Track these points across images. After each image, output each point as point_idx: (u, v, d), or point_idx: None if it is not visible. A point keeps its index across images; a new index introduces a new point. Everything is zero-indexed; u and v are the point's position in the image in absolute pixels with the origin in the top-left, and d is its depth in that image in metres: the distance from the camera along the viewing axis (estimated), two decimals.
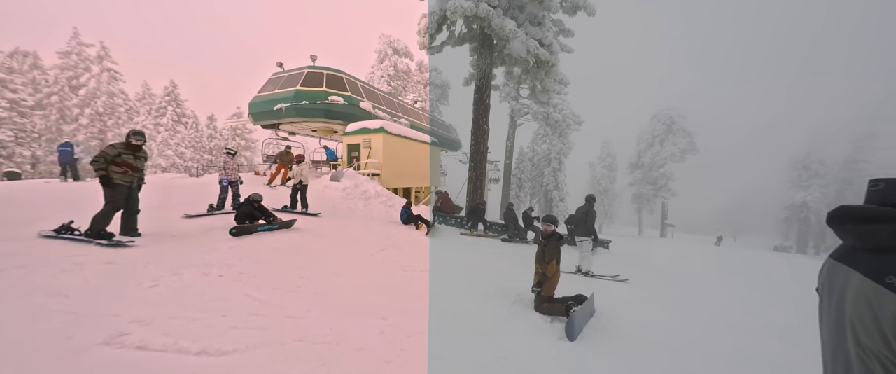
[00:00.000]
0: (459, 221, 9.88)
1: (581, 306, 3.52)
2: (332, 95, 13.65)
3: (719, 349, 3.61)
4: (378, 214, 8.85)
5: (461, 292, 4.07)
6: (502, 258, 6.53)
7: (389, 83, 28.74)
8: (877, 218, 0.78)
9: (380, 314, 3.09)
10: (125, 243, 4.09)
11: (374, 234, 6.71)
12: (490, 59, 11.48)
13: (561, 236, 3.96)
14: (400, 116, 17.95)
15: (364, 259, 4.97)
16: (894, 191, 0.79)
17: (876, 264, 0.74)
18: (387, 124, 12.77)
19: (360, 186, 10.11)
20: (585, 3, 11.73)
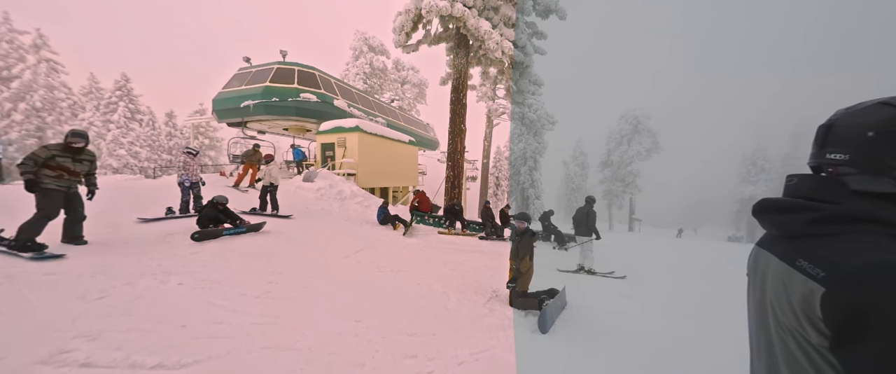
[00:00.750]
0: (437, 220, 9.89)
1: (553, 300, 3.65)
2: (304, 93, 13.17)
3: (677, 332, 3.88)
4: (354, 214, 8.67)
5: (438, 291, 4.08)
6: (479, 256, 6.61)
7: (365, 81, 28.17)
8: (790, 209, 0.86)
9: (354, 317, 3.04)
10: (58, 255, 3.61)
11: (349, 235, 6.57)
12: (466, 59, 11.57)
13: (534, 233, 4.09)
14: (376, 114, 17.66)
15: (338, 261, 4.85)
16: (804, 184, 0.88)
17: (789, 249, 0.82)
18: (363, 123, 12.53)
19: (335, 186, 9.85)
20: (557, 7, 12.13)
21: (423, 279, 4.48)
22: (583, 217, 6.54)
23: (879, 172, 0.74)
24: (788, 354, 0.78)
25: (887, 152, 0.73)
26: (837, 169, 0.81)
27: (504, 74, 12.79)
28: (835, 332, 0.68)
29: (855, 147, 0.77)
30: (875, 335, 0.61)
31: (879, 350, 0.61)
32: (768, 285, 0.87)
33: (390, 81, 30.14)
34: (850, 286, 0.66)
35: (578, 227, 6.61)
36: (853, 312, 0.64)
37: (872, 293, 0.63)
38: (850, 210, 0.74)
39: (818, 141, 0.86)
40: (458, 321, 3.27)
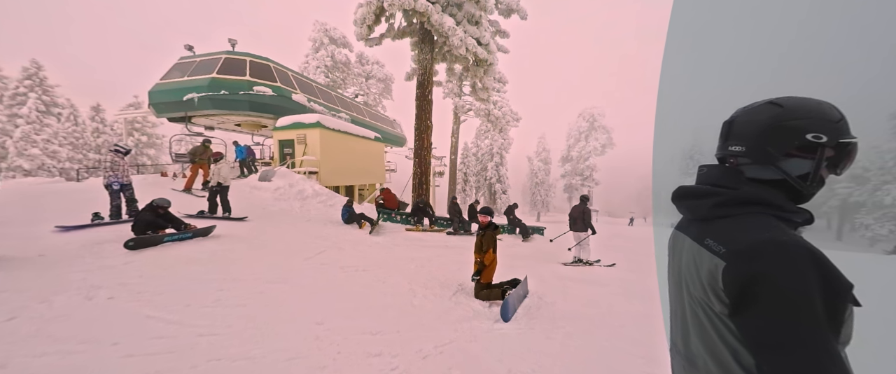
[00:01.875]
0: (405, 217, 9.82)
1: (515, 289, 3.82)
2: (257, 85, 12.28)
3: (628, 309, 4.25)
4: (316, 214, 8.31)
5: (403, 288, 4.08)
6: (447, 251, 6.69)
7: (327, 75, 26.91)
8: (699, 194, 0.98)
9: (315, 319, 2.94)
10: None
11: (311, 236, 6.30)
12: (431, 55, 11.51)
13: (497, 227, 4.22)
14: (339, 110, 17.00)
15: (298, 264, 4.64)
16: (711, 173, 1.01)
17: (699, 230, 0.93)
18: (324, 118, 12.00)
19: (295, 185, 9.35)
20: (518, 7, 12.48)
21: (389, 277, 4.44)
22: (579, 215, 6.92)
23: (767, 162, 0.87)
24: (698, 322, 0.90)
25: (772, 145, 0.85)
26: (737, 160, 0.94)
27: (469, 71, 12.93)
28: (732, 300, 0.78)
29: (749, 140, 0.89)
30: (761, 302, 0.72)
31: (765, 315, 0.71)
32: (683, 263, 0.99)
33: (354, 76, 29.08)
34: (743, 260, 0.76)
35: (575, 223, 6.98)
36: (745, 282, 0.74)
37: (759, 266, 0.74)
38: (746, 194, 0.87)
39: (722, 135, 0.99)
40: (423, 317, 3.30)
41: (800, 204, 0.87)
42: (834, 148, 0.82)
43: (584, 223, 6.87)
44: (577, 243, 6.99)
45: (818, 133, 0.81)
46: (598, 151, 35.93)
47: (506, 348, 2.81)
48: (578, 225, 6.93)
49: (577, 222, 6.94)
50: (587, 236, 6.90)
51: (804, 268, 0.69)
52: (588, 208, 6.99)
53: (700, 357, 0.88)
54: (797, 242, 0.72)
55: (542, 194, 38.47)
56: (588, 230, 6.86)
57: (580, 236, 6.96)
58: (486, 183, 32.96)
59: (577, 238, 7.00)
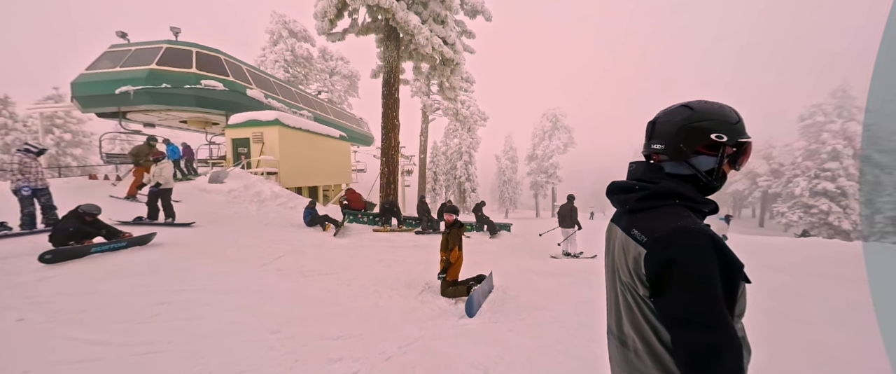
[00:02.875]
0: (372, 217, 9.61)
1: (480, 285, 3.90)
2: (206, 79, 11.30)
3: (585, 296, 4.53)
4: (276, 217, 7.85)
5: (368, 290, 4.00)
6: (415, 251, 6.66)
7: (287, 70, 25.45)
8: (627, 189, 1.07)
9: (270, 329, 2.78)
10: None
11: (269, 241, 5.94)
12: (397, 53, 11.34)
13: (462, 224, 4.29)
14: (300, 107, 16.19)
15: (254, 271, 4.36)
16: (638, 169, 1.11)
17: (628, 221, 1.02)
18: (283, 116, 11.35)
19: (252, 187, 8.76)
20: (483, 9, 12.71)
21: (354, 280, 4.33)
22: (567, 212, 7.48)
23: (681, 158, 0.98)
24: (627, 306, 0.99)
25: (685, 143, 0.95)
26: (658, 157, 1.04)
27: (436, 70, 12.94)
28: (651, 284, 0.87)
29: (667, 139, 0.99)
30: (673, 284, 0.81)
31: (676, 295, 0.80)
32: (615, 252, 1.08)
33: (317, 72, 27.81)
34: (660, 247, 0.85)
35: (563, 220, 7.53)
36: (661, 267, 0.83)
37: (671, 252, 0.83)
38: (664, 188, 0.96)
39: (647, 135, 1.09)
40: (388, 318, 3.26)
41: (707, 196, 0.99)
42: (734, 146, 0.94)
43: (571, 220, 7.44)
44: (565, 238, 7.52)
45: (720, 133, 0.92)
46: (560, 150, 37.79)
47: (469, 342, 2.86)
48: (567, 222, 7.49)
49: (566, 219, 7.50)
50: (573, 232, 7.45)
51: (706, 253, 0.79)
52: (575, 207, 7.57)
53: (630, 338, 0.97)
54: (701, 230, 0.82)
55: (509, 192, 39.67)
56: (575, 226, 7.44)
57: (567, 231, 7.49)
58: (456, 182, 33.27)
59: (565, 234, 7.53)
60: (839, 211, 25.29)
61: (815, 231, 25.56)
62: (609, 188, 1.12)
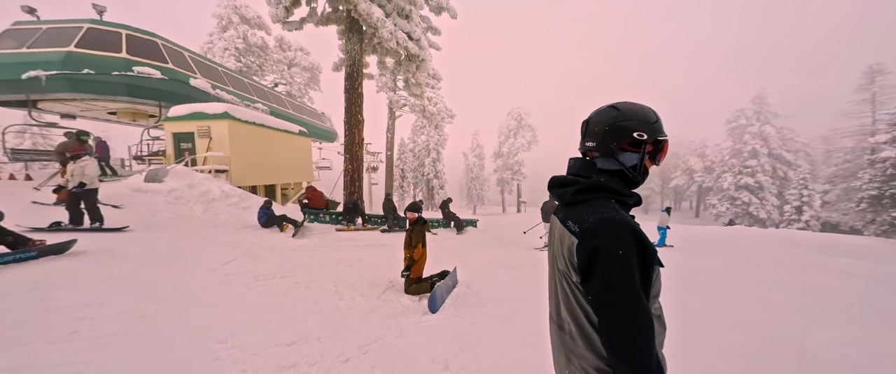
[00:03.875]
0: (335, 217, 9.25)
1: (443, 281, 3.94)
2: (139, 65, 10.07)
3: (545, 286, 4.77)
4: (226, 219, 7.26)
5: (328, 292, 3.85)
6: (380, 249, 6.54)
7: (239, 60, 23.49)
8: (565, 183, 1.13)
9: (216, 338, 2.57)
10: None
11: (217, 244, 5.48)
12: (360, 46, 10.96)
13: (425, 222, 4.28)
14: (254, 99, 15.08)
15: (199, 277, 4.00)
16: (575, 165, 1.17)
17: (565, 213, 1.08)
18: (234, 109, 10.48)
19: (197, 186, 7.99)
20: (448, 7, 12.71)
21: (312, 282, 4.14)
22: (549, 208, 8.09)
23: (610, 155, 1.06)
24: (564, 292, 1.05)
25: (613, 141, 1.03)
26: (591, 154, 1.12)
27: (401, 65, 12.72)
28: (581, 270, 0.94)
29: (598, 137, 1.06)
30: (598, 270, 0.87)
31: (600, 280, 0.87)
32: (555, 242, 1.14)
33: (273, 63, 26.00)
34: (588, 237, 0.92)
35: (546, 216, 8.16)
36: (589, 255, 0.90)
37: (597, 241, 0.90)
38: (595, 183, 1.03)
39: (581, 133, 1.16)
40: (348, 319, 3.17)
41: (633, 189, 1.08)
42: (653, 144, 1.03)
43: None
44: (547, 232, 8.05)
45: (641, 132, 1.01)
46: (524, 148, 39.20)
47: (432, 338, 2.88)
48: (548, 217, 8.13)
49: (548, 214, 8.14)
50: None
51: (626, 241, 0.86)
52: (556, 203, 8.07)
53: (566, 321, 1.04)
54: (623, 220, 0.90)
55: (477, 189, 40.42)
56: None
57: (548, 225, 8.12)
58: (424, 179, 33.17)
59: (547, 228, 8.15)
60: (758, 202, 29.19)
61: (740, 220, 29.28)
62: (550, 183, 1.19)
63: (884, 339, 3.37)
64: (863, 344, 3.20)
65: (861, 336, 3.41)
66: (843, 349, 3.05)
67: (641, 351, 0.81)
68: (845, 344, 3.18)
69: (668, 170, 46.73)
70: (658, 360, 0.84)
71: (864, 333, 3.52)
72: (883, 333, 3.55)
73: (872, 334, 3.51)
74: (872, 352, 3.03)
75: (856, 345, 3.17)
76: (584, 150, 1.14)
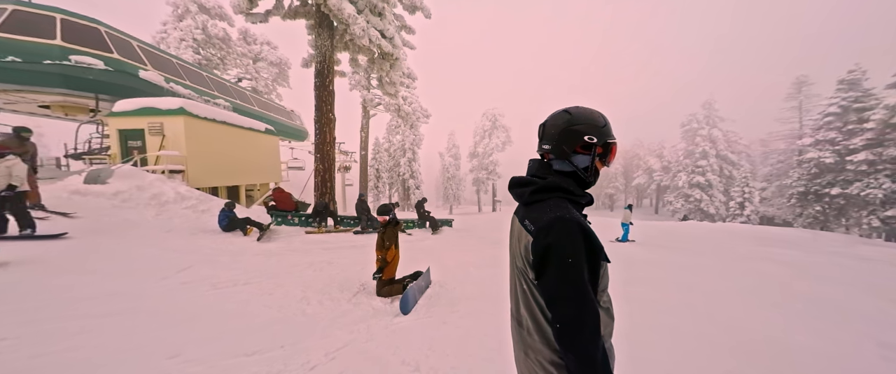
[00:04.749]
0: (305, 219, 8.89)
1: (415, 282, 3.92)
2: (78, 54, 9.07)
3: None
4: (182, 223, 6.74)
5: (295, 297, 3.70)
6: (352, 252, 6.39)
7: (198, 52, 21.86)
8: (523, 183, 1.17)
9: (167, 353, 2.38)
10: None
11: (171, 250, 5.07)
12: (331, 43, 10.61)
13: (397, 222, 4.24)
14: (216, 95, 14.13)
15: (150, 286, 3.68)
16: (533, 166, 1.22)
17: (523, 213, 1.12)
18: (191, 104, 9.74)
19: (148, 187, 7.35)
20: (422, 6, 12.66)
21: (278, 288, 3.95)
22: None
23: (563, 157, 1.11)
24: (521, 289, 1.09)
25: (566, 144, 1.09)
26: (548, 155, 1.17)
27: (374, 63, 12.47)
28: (535, 267, 0.98)
29: (553, 140, 1.12)
30: (550, 266, 0.91)
31: (551, 276, 0.91)
32: (513, 240, 1.18)
33: (237, 56, 24.48)
34: (542, 235, 0.96)
35: None
36: (542, 252, 0.94)
37: (549, 239, 0.94)
38: (550, 183, 1.08)
39: (539, 136, 1.21)
40: (315, 325, 3.06)
41: (585, 190, 1.14)
42: (602, 146, 1.09)
43: None
44: None
45: (591, 135, 1.07)
46: (499, 148, 39.99)
47: (403, 340, 2.86)
48: None
49: None
50: None
51: (576, 238, 0.91)
52: None
53: (524, 318, 1.08)
54: (573, 218, 0.95)
55: (453, 189, 40.62)
56: None
57: None
58: (400, 179, 32.81)
59: None
60: (708, 199, 31.91)
61: (693, 216, 31.85)
62: (510, 183, 1.23)
63: (804, 320, 3.83)
64: (786, 325, 3.62)
65: (786, 318, 3.85)
66: (769, 330, 3.42)
67: (588, 342, 0.86)
68: (770, 325, 3.57)
69: (630, 169, 49.78)
70: (604, 350, 0.89)
71: (788, 314, 3.97)
72: (799, 315, 4.02)
73: (796, 316, 3.97)
74: (791, 330, 3.43)
75: (780, 326, 3.57)
76: (542, 152, 1.19)
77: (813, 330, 3.47)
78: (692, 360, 2.71)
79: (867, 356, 2.96)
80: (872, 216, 19.68)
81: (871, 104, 20.44)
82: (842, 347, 3.12)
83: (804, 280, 5.75)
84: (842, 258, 8.22)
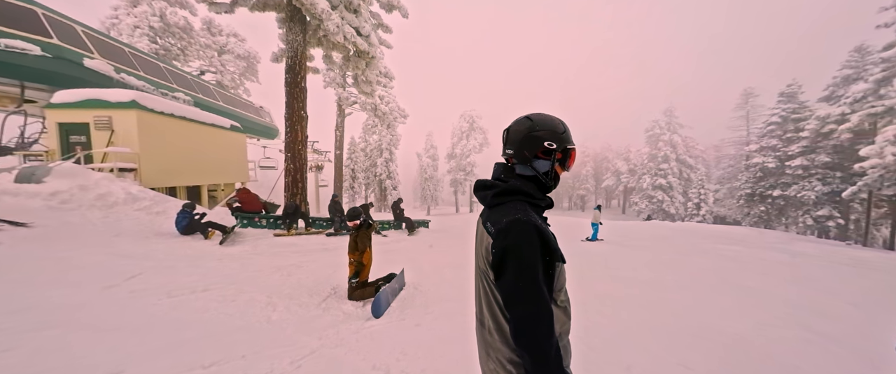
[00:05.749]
0: (274, 220, 8.48)
1: (388, 284, 3.86)
2: (8, 38, 8.09)
3: None
4: (133, 226, 6.19)
5: (260, 303, 3.51)
6: (323, 254, 6.18)
7: (154, 41, 20.25)
8: (487, 186, 1.19)
9: (108, 369, 2.17)
10: None
11: (119, 256, 4.64)
12: (303, 37, 10.22)
13: (370, 225, 4.15)
14: (174, 88, 13.16)
15: (91, 297, 3.34)
16: (497, 170, 1.24)
17: (486, 215, 1.13)
18: (145, 97, 8.99)
19: (93, 187, 6.69)
20: (399, 5, 12.54)
21: (241, 294, 3.73)
22: None
23: (525, 162, 1.13)
24: (483, 290, 1.10)
25: (527, 149, 1.11)
26: (511, 159, 1.19)
27: (350, 61, 12.17)
28: (495, 269, 1.00)
29: (515, 145, 1.14)
30: (507, 267, 0.93)
31: (508, 276, 0.92)
32: (477, 243, 1.20)
33: (200, 47, 22.95)
34: (501, 237, 0.98)
35: None
36: (500, 253, 0.96)
37: (507, 241, 0.96)
38: (512, 186, 1.10)
39: (503, 141, 1.23)
40: (281, 332, 2.92)
41: (546, 193, 1.18)
42: (562, 152, 1.13)
43: None
44: None
45: (551, 142, 1.10)
46: (476, 149, 40.47)
47: (373, 344, 2.80)
48: None
49: None
50: None
51: (532, 240, 0.94)
52: None
53: (486, 318, 1.09)
54: (530, 221, 0.97)
55: (431, 189, 40.53)
56: None
57: None
58: (376, 179, 32.25)
59: None
60: (668, 200, 34.20)
61: (655, 215, 33.98)
62: (474, 186, 1.25)
63: (742, 309, 4.21)
64: (733, 315, 3.95)
65: (731, 308, 4.20)
66: (721, 321, 3.72)
67: (542, 340, 0.88)
68: (721, 316, 3.88)
69: (600, 172, 52.24)
70: (558, 347, 0.92)
71: (734, 305, 4.34)
72: (738, 304, 4.42)
73: (734, 306, 4.34)
74: (730, 319, 3.76)
75: (728, 316, 3.89)
76: (506, 156, 1.22)
77: (748, 318, 3.82)
78: (651, 351, 2.88)
79: (792, 339, 3.29)
80: (807, 216, 22.03)
81: (805, 115, 22.90)
82: (770, 331, 3.46)
83: (744, 273, 6.31)
84: (779, 254, 9.12)
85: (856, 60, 21.66)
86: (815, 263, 7.86)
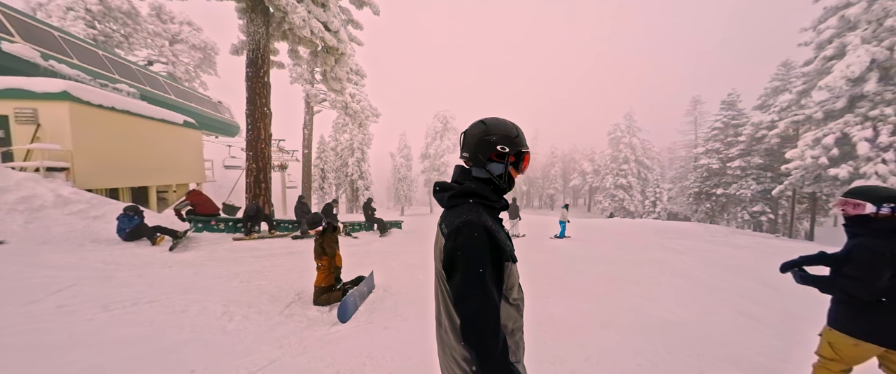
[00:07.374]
0: (234, 224, 7.94)
1: (356, 288, 3.76)
2: None
3: None
4: (64, 233, 5.51)
5: (215, 313, 3.27)
6: (289, 258, 5.89)
7: (92, 25, 18.14)
8: (445, 188, 1.20)
9: None
10: None
11: (44, 267, 4.11)
12: (266, 30, 9.66)
13: (335, 228, 4.02)
14: (116, 78, 11.91)
15: (9, 314, 2.92)
16: (455, 172, 1.25)
17: (443, 217, 1.14)
18: (79, 88, 8.03)
19: (13, 189, 5.86)
20: (370, 1, 12.28)
21: (193, 304, 3.45)
22: (514, 208, 10.89)
23: (480, 165, 1.16)
24: (440, 291, 1.11)
25: (481, 153, 1.13)
26: (467, 162, 1.22)
27: (318, 56, 11.70)
28: (446, 269, 1.02)
29: (470, 149, 1.16)
30: (457, 267, 0.95)
31: (457, 276, 0.94)
32: (435, 245, 1.21)
33: (148, 35, 20.91)
34: (451, 238, 0.99)
35: (512, 213, 10.88)
36: (450, 253, 0.97)
37: (458, 241, 0.97)
38: (467, 189, 1.12)
39: (460, 144, 1.25)
40: (238, 343, 2.75)
41: (501, 195, 1.21)
42: (515, 155, 1.17)
43: (515, 213, 10.90)
44: (512, 226, 10.86)
45: (504, 145, 1.13)
46: (450, 150, 40.65)
47: (339, 350, 2.72)
48: (514, 215, 10.91)
49: (514, 212, 10.87)
50: (517, 221, 11.00)
51: (481, 240, 0.96)
52: (516, 205, 10.91)
53: (443, 317, 1.11)
54: (480, 222, 1.00)
55: (405, 190, 40.09)
56: (518, 217, 11.03)
57: (513, 221, 10.92)
58: (348, 179, 31.32)
59: (512, 223, 10.91)
60: (629, 198, 36.60)
61: (617, 213, 36.22)
62: (433, 188, 1.26)
63: (691, 296, 4.61)
64: (681, 302, 4.32)
65: (679, 297, 4.59)
66: (670, 310, 4.05)
67: (488, 338, 0.91)
68: (671, 305, 4.23)
69: (568, 172, 54.69)
70: (505, 344, 0.95)
71: (682, 294, 4.75)
72: (684, 292, 4.85)
73: (689, 295, 4.76)
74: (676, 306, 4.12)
75: (677, 304, 4.25)
76: (463, 158, 1.24)
77: (693, 305, 4.20)
78: (607, 341, 3.07)
79: (728, 323, 3.67)
80: (744, 211, 24.61)
81: (742, 121, 25.57)
82: (710, 316, 3.83)
83: (692, 265, 6.92)
84: (720, 246, 10.10)
85: (782, 74, 24.58)
86: (750, 253, 8.79)
